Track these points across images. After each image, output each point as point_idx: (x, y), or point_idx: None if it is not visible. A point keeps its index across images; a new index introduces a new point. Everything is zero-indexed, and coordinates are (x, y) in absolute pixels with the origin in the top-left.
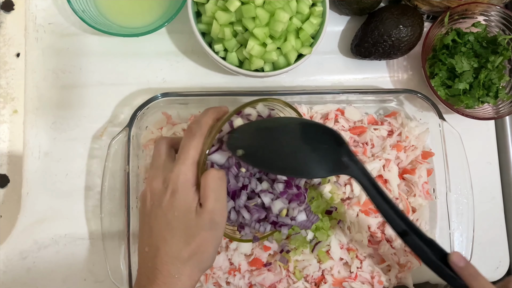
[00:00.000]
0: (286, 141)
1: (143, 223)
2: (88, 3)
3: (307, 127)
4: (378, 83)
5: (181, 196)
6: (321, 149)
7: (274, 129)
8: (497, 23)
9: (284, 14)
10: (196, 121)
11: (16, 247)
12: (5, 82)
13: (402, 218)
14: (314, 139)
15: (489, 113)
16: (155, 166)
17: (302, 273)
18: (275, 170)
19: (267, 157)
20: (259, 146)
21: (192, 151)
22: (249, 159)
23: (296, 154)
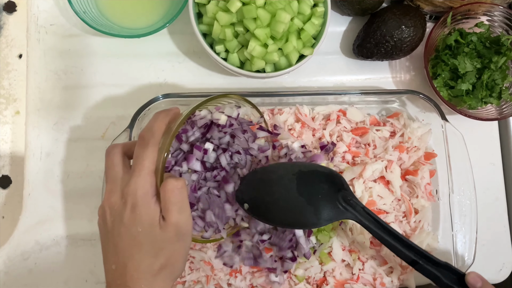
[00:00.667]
0: (284, 194)
1: (105, 241)
2: (90, 4)
3: (304, 176)
4: (380, 83)
5: (143, 211)
6: (316, 199)
7: (273, 181)
8: (501, 23)
9: (285, 15)
10: (148, 128)
11: (17, 248)
12: (8, 83)
13: (410, 248)
14: (310, 189)
15: (492, 114)
16: (111, 179)
17: (304, 275)
18: (276, 223)
19: (268, 211)
20: (261, 200)
21: (147, 161)
22: (254, 213)
23: (293, 207)
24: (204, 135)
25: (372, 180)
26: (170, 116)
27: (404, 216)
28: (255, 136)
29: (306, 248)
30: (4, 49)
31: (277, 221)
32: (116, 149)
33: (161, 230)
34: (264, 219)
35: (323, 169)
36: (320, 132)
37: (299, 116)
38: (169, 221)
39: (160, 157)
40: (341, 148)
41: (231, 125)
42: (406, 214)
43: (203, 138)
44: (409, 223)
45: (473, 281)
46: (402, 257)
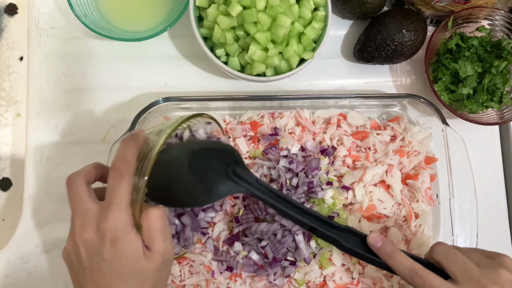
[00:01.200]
0: (176, 174)
1: (83, 277)
2: (90, 7)
3: (195, 154)
4: (381, 87)
5: (125, 245)
6: (206, 176)
7: (168, 162)
8: (502, 28)
9: (286, 19)
10: (121, 157)
11: (17, 251)
12: (9, 85)
13: (308, 214)
14: (200, 167)
15: (493, 118)
16: (80, 213)
17: (304, 279)
18: (173, 204)
19: (164, 193)
20: (157, 183)
21: (124, 193)
22: (152, 197)
23: (185, 187)
24: None
25: (373, 184)
26: (139, 142)
27: (405, 220)
28: None
29: (306, 253)
30: (5, 51)
31: (174, 203)
32: (79, 179)
33: (147, 260)
34: (163, 202)
35: (215, 145)
36: (321, 136)
37: (300, 120)
38: (155, 250)
39: (137, 188)
40: (342, 152)
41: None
42: (406, 218)
43: None
44: (410, 227)
45: (373, 242)
46: (300, 225)
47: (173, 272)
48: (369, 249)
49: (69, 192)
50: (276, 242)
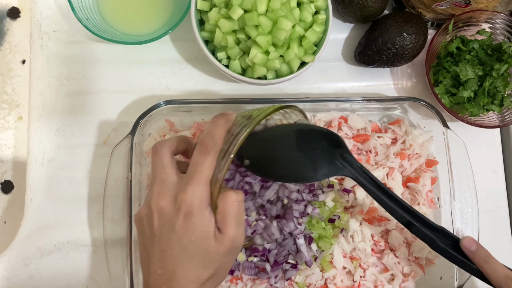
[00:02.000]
0: (284, 150)
1: (151, 244)
2: (92, 11)
3: (303, 133)
4: (382, 90)
5: (198, 221)
6: (315, 154)
7: (273, 138)
8: (502, 31)
9: (287, 22)
10: (209, 134)
11: (19, 254)
12: (11, 88)
13: (405, 209)
14: (309, 145)
15: (494, 121)
16: (160, 181)
17: (304, 282)
18: (275, 178)
19: (268, 166)
20: (262, 156)
21: (206, 170)
22: (254, 169)
23: (291, 161)
24: None
25: None
26: (230, 122)
27: None
28: None
29: (308, 256)
30: (8, 54)
31: (277, 176)
32: (165, 148)
33: (216, 242)
34: (264, 175)
35: (321, 128)
36: None
37: None
38: (226, 234)
39: (220, 167)
40: None
41: None
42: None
43: None
44: None
45: (467, 245)
46: (397, 218)
47: None
48: (462, 252)
49: (153, 159)
50: (277, 245)
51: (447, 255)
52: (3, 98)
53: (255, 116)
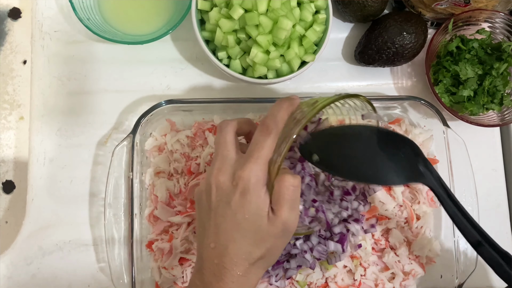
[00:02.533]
0: (361, 149)
1: (206, 217)
2: (94, 11)
3: (383, 136)
4: (382, 90)
5: (253, 199)
6: (398, 157)
7: (349, 135)
8: (502, 30)
9: (287, 22)
10: (272, 116)
11: (21, 253)
12: (12, 89)
13: (476, 229)
14: (390, 147)
15: (494, 120)
16: (221, 157)
17: (305, 281)
18: (350, 176)
19: (342, 163)
20: (334, 153)
21: (266, 150)
22: (324, 165)
23: (372, 162)
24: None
25: None
26: (293, 106)
27: (406, 222)
28: None
29: (310, 260)
30: (9, 55)
31: (351, 174)
32: (229, 127)
33: (269, 222)
34: (336, 172)
35: (400, 134)
36: None
37: None
38: (279, 216)
39: (280, 149)
40: None
41: None
42: (408, 220)
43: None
44: (411, 229)
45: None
46: (467, 236)
47: (175, 274)
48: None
49: (218, 136)
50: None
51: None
52: (4, 98)
53: (320, 102)
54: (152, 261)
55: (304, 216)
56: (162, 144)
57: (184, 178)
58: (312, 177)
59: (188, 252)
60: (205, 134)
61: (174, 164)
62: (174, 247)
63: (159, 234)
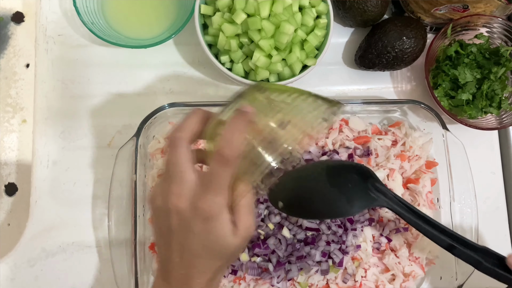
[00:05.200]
0: (316, 188)
1: (168, 236)
2: (97, 15)
3: (332, 169)
4: (382, 93)
5: (217, 225)
6: (346, 188)
7: (305, 177)
8: (500, 35)
9: (289, 27)
10: (228, 143)
11: (24, 255)
12: (15, 92)
13: (445, 233)
14: (341, 180)
15: (492, 123)
16: (177, 180)
17: (306, 282)
18: (310, 217)
19: (302, 205)
20: (295, 197)
21: (226, 180)
22: (287, 210)
23: (325, 199)
24: None
25: None
26: (249, 124)
27: (406, 224)
28: None
29: (312, 264)
30: (12, 58)
31: (312, 214)
32: (183, 142)
33: (233, 237)
34: (299, 215)
35: (349, 162)
36: (323, 141)
37: None
38: (241, 225)
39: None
40: (343, 156)
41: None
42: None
43: None
44: (411, 231)
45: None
46: (438, 243)
47: None
48: (508, 270)
49: (171, 153)
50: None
51: (495, 275)
52: (7, 102)
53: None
54: (154, 262)
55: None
56: (165, 146)
57: None
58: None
59: None
60: None
61: None
62: None
63: None
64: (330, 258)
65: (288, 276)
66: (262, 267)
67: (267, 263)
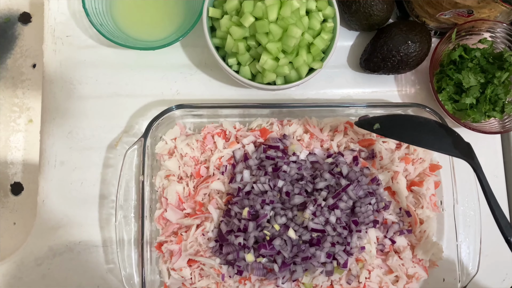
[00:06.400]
0: (418, 125)
1: None
2: (106, 17)
3: (440, 125)
4: (387, 97)
5: None
6: (451, 137)
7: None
8: (503, 40)
9: (296, 30)
10: None
11: (31, 254)
12: (21, 92)
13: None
14: (448, 132)
15: (495, 127)
16: None
17: (311, 283)
18: (407, 140)
19: (401, 131)
20: (394, 125)
21: None
22: (384, 131)
23: (427, 132)
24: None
25: None
26: None
27: (410, 226)
28: None
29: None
30: (19, 59)
31: (409, 139)
32: None
33: None
34: (397, 137)
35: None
36: (328, 143)
37: (308, 127)
38: None
39: None
40: (348, 159)
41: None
42: (411, 224)
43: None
44: (415, 233)
45: None
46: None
47: (184, 275)
48: None
49: None
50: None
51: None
52: (13, 102)
53: None
54: (161, 262)
55: None
56: (172, 147)
57: (194, 181)
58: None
59: (197, 253)
60: (214, 138)
61: (183, 167)
62: (183, 249)
63: (168, 236)
64: (334, 259)
65: (293, 276)
66: (267, 268)
67: (273, 263)
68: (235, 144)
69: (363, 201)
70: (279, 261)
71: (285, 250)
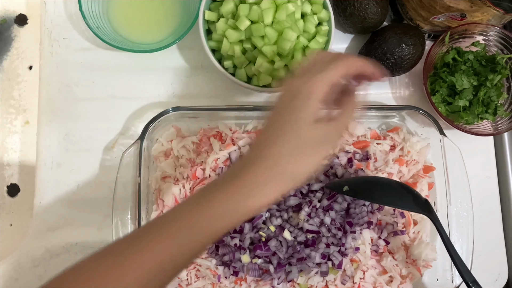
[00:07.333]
0: (382, 186)
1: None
2: (102, 19)
3: (399, 184)
4: (381, 99)
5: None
6: (411, 195)
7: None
8: (496, 43)
9: (292, 33)
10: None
11: (28, 255)
12: (18, 94)
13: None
14: (405, 190)
15: (488, 129)
16: (303, 69)
17: (306, 284)
18: (373, 200)
19: (368, 192)
20: (360, 184)
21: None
22: (353, 193)
23: (389, 192)
24: None
25: None
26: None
27: (404, 227)
28: None
29: (312, 266)
30: (15, 60)
31: (374, 199)
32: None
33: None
34: (363, 197)
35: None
36: None
37: None
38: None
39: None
40: (343, 161)
41: None
42: (405, 225)
43: None
44: (408, 234)
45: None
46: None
47: (180, 276)
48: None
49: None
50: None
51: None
52: (10, 103)
53: None
54: None
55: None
56: (168, 149)
57: (190, 183)
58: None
59: None
60: (210, 140)
61: (180, 169)
62: None
63: None
64: (329, 260)
65: (289, 277)
66: (263, 269)
67: (268, 264)
68: (231, 146)
69: (357, 203)
70: (274, 262)
71: (280, 251)
